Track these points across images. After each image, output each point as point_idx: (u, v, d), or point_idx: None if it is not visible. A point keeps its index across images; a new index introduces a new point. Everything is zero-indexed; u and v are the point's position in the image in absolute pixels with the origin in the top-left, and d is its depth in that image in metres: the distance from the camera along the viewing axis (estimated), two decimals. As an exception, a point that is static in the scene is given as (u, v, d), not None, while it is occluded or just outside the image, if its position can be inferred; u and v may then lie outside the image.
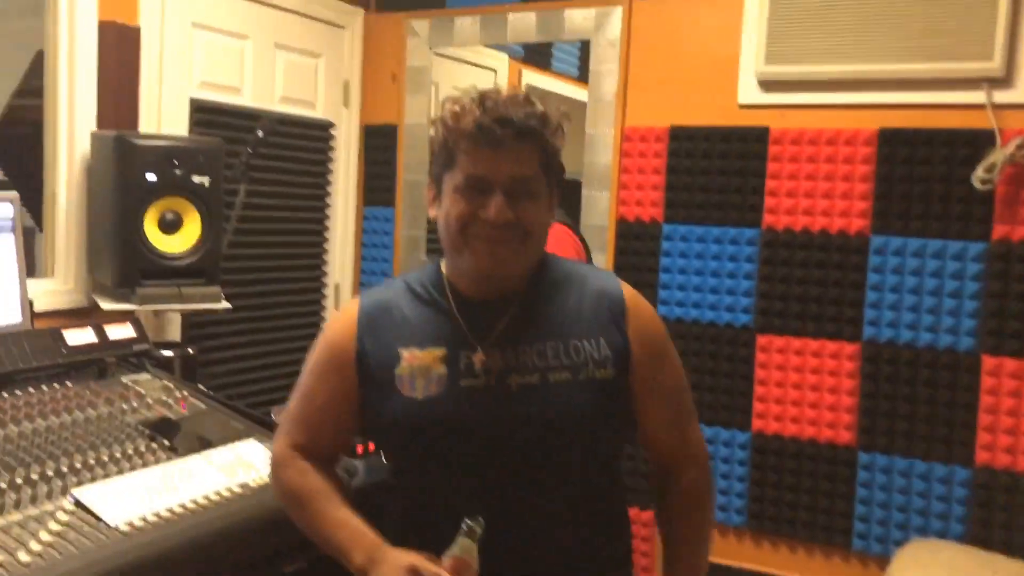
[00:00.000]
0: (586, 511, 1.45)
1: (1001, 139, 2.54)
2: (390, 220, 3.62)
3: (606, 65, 3.13)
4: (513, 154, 1.35)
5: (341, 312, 1.57)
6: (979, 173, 2.55)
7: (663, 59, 3.04)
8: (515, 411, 1.38)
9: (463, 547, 1.26)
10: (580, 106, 3.95)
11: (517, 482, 1.39)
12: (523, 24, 3.29)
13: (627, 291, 1.49)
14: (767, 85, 2.88)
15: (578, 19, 3.18)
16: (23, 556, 1.42)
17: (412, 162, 3.54)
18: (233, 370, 3.09)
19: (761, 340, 2.91)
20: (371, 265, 3.68)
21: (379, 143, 3.61)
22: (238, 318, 3.02)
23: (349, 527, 1.42)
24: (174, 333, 2.81)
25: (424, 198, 3.53)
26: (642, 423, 1.49)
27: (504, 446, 1.38)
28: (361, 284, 3.68)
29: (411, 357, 1.42)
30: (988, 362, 2.61)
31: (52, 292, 2.54)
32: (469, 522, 1.27)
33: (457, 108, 1.36)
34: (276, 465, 1.55)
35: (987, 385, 2.62)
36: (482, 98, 1.36)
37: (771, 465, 2.92)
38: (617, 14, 3.09)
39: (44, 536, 1.48)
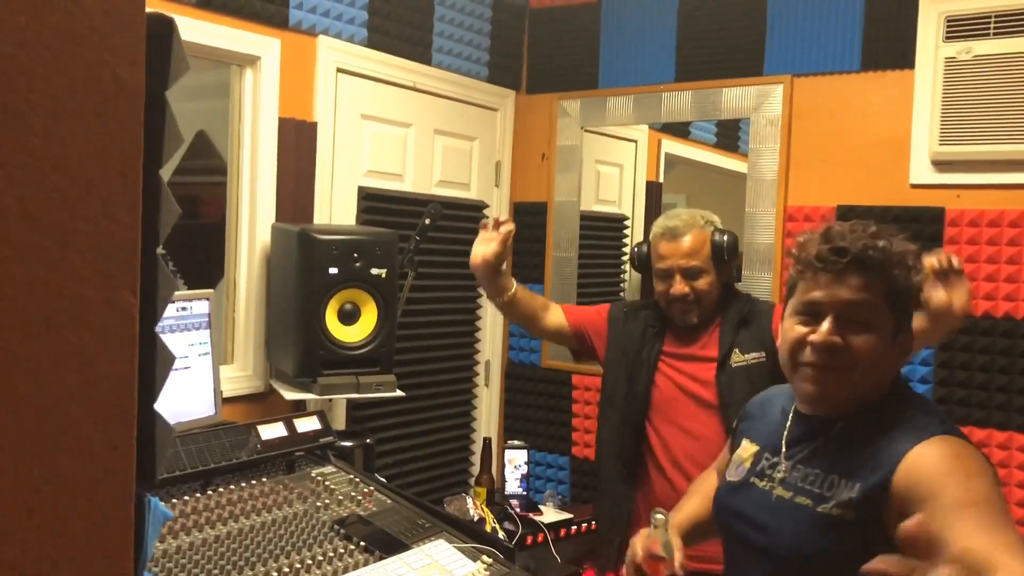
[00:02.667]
0: None
1: None
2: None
3: (766, 144, 3.09)
4: (849, 282, 1.38)
5: None
6: None
7: (827, 138, 2.98)
8: (761, 519, 1.49)
9: (651, 535, 1.51)
10: (717, 171, 3.93)
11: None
12: (678, 103, 3.29)
13: (917, 452, 1.32)
14: (940, 165, 2.78)
15: (735, 98, 3.15)
16: (251, 670, 1.44)
17: (561, 240, 3.56)
18: (401, 459, 3.13)
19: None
20: (520, 342, 3.69)
21: (529, 221, 3.64)
22: (399, 400, 3.06)
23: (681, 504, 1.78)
24: (338, 421, 2.87)
25: (572, 275, 3.55)
26: None
27: (748, 545, 1.51)
28: (510, 361, 3.70)
29: (743, 448, 1.63)
30: None
31: (231, 379, 2.63)
32: (655, 517, 1.52)
33: (802, 239, 1.45)
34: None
35: None
36: (827, 230, 1.43)
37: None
38: (778, 92, 3.05)
39: (267, 648, 1.51)
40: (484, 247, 2.41)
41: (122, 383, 0.56)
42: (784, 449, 1.51)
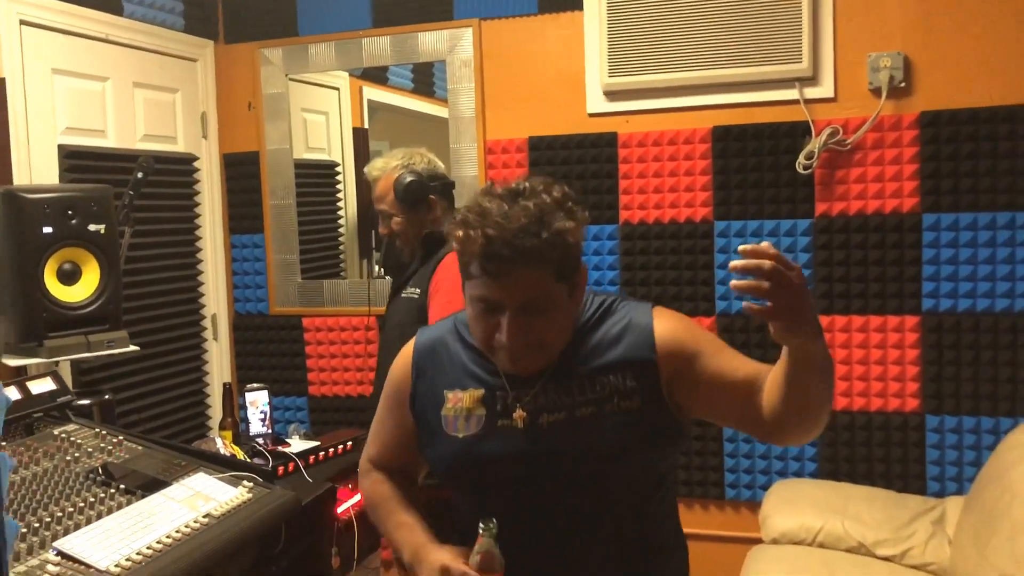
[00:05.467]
0: (628, 539, 1.52)
1: (814, 130, 2.98)
2: (260, 246, 3.69)
3: (462, 84, 3.35)
4: (518, 281, 1.39)
5: (402, 350, 1.68)
6: (801, 160, 2.97)
7: (516, 75, 3.30)
8: (544, 448, 1.47)
9: (484, 545, 1.40)
10: (417, 116, 4.18)
11: (555, 514, 1.49)
12: (377, 48, 3.46)
13: (657, 319, 1.51)
14: (612, 95, 3.19)
15: (431, 41, 3.38)
16: (32, 609, 1.48)
17: (277, 187, 3.63)
18: (139, 408, 3.10)
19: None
20: (244, 292, 3.73)
21: (242, 171, 3.67)
22: (127, 359, 3.02)
23: (404, 528, 1.62)
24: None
25: (292, 222, 3.63)
26: (723, 411, 1.52)
27: (537, 482, 1.49)
28: (236, 313, 3.73)
29: (455, 399, 1.55)
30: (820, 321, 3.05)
31: (-59, 354, 2.49)
32: (483, 525, 1.40)
33: (461, 234, 1.40)
34: (359, 474, 1.77)
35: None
36: (484, 223, 1.37)
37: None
38: (468, 35, 3.32)
39: (44, 588, 1.55)
40: None
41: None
42: (510, 382, 1.51)
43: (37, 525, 1.74)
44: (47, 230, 2.37)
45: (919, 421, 2.98)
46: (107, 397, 2.50)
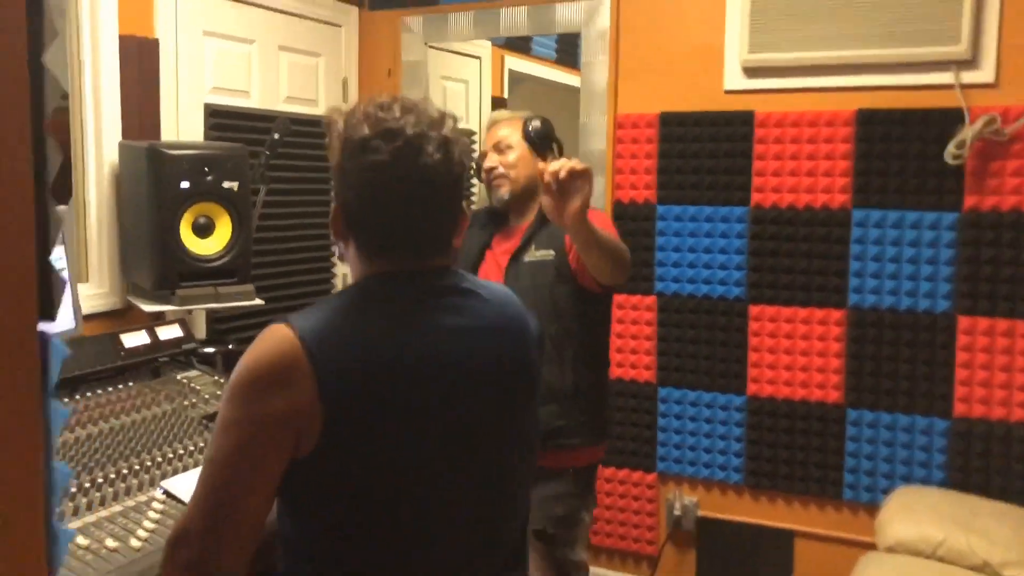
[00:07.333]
0: None
1: (969, 117, 2.76)
2: (392, 210, 3.77)
3: (597, 56, 3.30)
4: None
5: None
6: (951, 149, 2.77)
7: (651, 48, 3.22)
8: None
9: None
10: (560, 88, 4.14)
11: None
12: (515, 19, 3.45)
13: None
14: (751, 72, 3.07)
15: (568, 12, 3.34)
16: (134, 542, 1.58)
17: (411, 153, 3.69)
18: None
19: (753, 310, 3.12)
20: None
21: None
22: (260, 311, 3.16)
23: None
24: (199, 331, 2.96)
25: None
26: None
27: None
28: (366, 272, 3.84)
29: None
30: (963, 322, 2.85)
31: (89, 296, 2.68)
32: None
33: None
34: None
35: (962, 343, 2.86)
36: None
37: (766, 425, 3.15)
38: (606, 6, 3.26)
39: (147, 524, 1.65)
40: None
41: (23, 236, 0.70)
42: None
43: (149, 464, 1.86)
44: (184, 185, 2.50)
45: (1065, 438, 2.75)
46: (230, 347, 2.63)
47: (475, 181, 2.78)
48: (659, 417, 3.30)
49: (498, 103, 4.26)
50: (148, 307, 2.58)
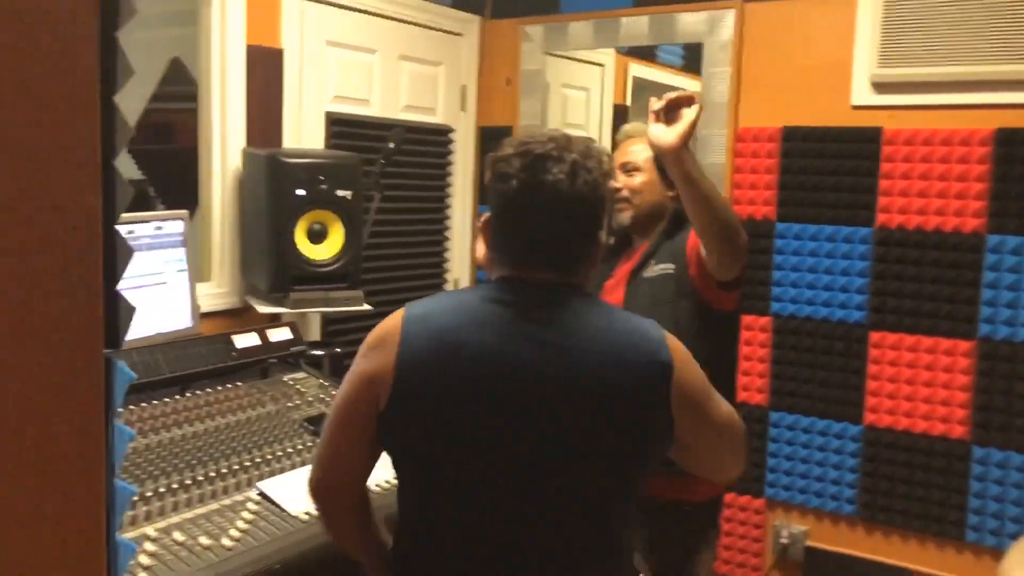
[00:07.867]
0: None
1: (1123, 138, 2.55)
2: (506, 218, 3.79)
3: (718, 68, 3.21)
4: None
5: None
6: (1100, 173, 2.56)
7: (775, 61, 3.11)
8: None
9: None
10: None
11: None
12: (635, 28, 3.40)
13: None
14: (880, 87, 2.92)
15: (690, 22, 3.27)
16: (226, 541, 1.64)
17: (527, 162, 3.69)
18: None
19: (874, 337, 2.97)
20: (488, 260, 3.85)
21: (493, 146, 3.77)
22: (371, 315, 3.24)
23: None
24: (313, 333, 3.05)
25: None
26: None
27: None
28: (478, 280, 3.87)
29: None
30: (1108, 360, 2.63)
31: (210, 295, 2.80)
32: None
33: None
34: None
35: (1106, 383, 2.64)
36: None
37: (883, 457, 2.99)
38: (729, 17, 3.17)
39: (240, 524, 1.71)
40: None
41: (90, 266, 0.73)
42: None
43: (248, 464, 1.92)
44: (300, 192, 2.58)
45: None
46: (337, 351, 2.70)
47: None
48: (770, 442, 3.19)
49: (619, 111, 4.21)
50: (263, 308, 2.67)
